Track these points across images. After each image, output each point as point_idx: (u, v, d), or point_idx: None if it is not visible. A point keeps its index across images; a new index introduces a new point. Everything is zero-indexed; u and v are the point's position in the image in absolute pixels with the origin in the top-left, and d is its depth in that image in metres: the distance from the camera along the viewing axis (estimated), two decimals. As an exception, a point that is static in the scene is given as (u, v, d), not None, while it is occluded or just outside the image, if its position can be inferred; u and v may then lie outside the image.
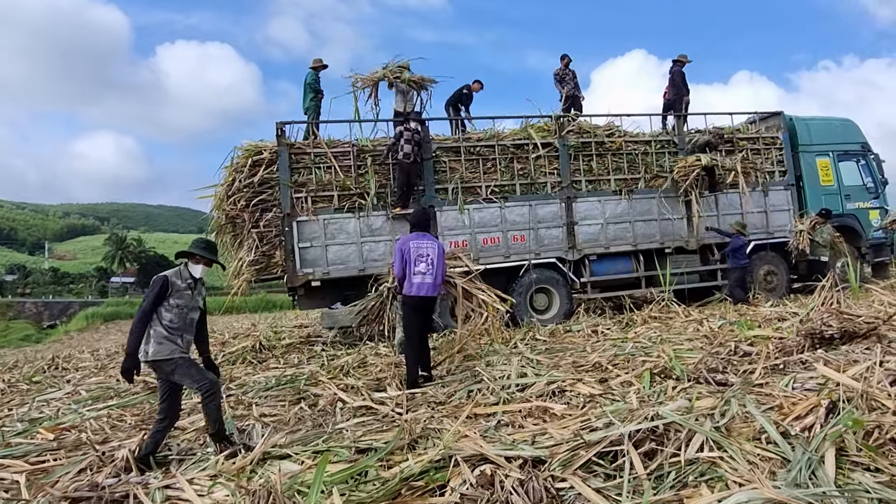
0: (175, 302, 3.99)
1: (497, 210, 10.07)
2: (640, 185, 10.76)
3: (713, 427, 3.26)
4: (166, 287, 3.97)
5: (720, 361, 4.97)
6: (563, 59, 11.80)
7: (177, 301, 4.00)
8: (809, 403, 3.39)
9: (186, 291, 4.05)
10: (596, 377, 5.17)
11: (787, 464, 2.84)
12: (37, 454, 4.47)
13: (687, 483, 2.81)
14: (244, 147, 9.50)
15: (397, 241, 6.10)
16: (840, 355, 4.44)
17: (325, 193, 9.39)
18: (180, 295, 4.01)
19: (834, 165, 11.95)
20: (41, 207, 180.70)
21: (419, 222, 6.26)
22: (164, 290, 3.96)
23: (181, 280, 4.05)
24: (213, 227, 9.63)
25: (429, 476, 3.10)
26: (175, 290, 4.00)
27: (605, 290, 10.88)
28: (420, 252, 5.87)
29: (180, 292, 4.02)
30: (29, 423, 5.58)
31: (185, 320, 4.07)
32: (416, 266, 5.82)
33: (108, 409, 5.92)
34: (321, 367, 7.11)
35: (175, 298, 3.99)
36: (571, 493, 2.83)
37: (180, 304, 4.01)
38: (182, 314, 4.03)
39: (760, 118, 12.32)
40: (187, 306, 4.06)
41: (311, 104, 10.10)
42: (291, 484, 3.21)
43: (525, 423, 4.05)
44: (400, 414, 4.68)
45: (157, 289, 3.96)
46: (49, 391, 7.59)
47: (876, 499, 2.48)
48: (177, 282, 4.02)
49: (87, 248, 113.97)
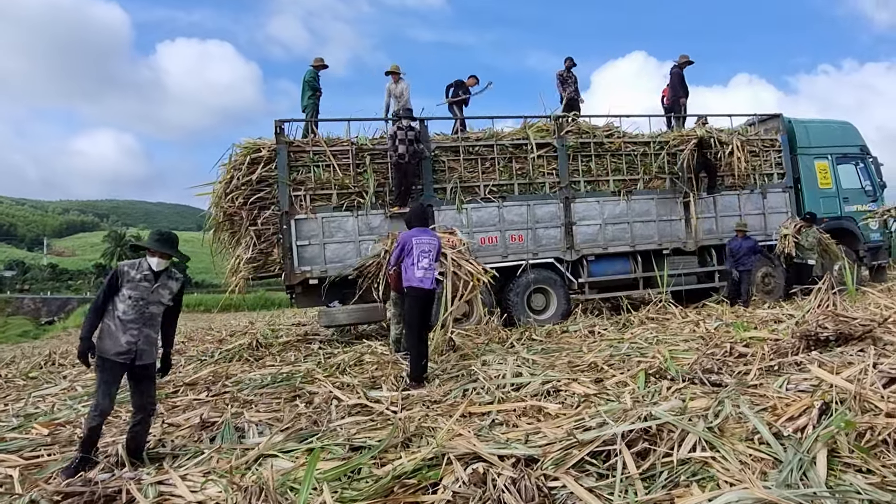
0: (128, 293, 3.92)
1: (495, 210, 10.07)
2: (639, 185, 10.77)
3: (706, 427, 3.26)
4: (116, 277, 3.93)
5: (715, 362, 4.99)
6: (566, 61, 11.83)
7: (130, 292, 3.92)
8: (802, 404, 3.40)
9: (143, 283, 3.95)
10: (591, 377, 5.18)
11: (779, 464, 2.84)
12: (31, 449, 4.47)
13: (679, 483, 2.82)
14: (242, 145, 9.49)
15: (399, 234, 6.21)
16: (835, 357, 4.45)
17: (324, 192, 9.39)
18: (135, 286, 3.93)
19: (832, 168, 11.96)
20: (40, 204, 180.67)
21: (418, 218, 6.34)
22: (114, 280, 3.93)
23: (136, 271, 3.97)
24: (211, 225, 9.62)
25: (421, 474, 3.10)
26: (128, 279, 3.92)
27: (603, 291, 10.88)
28: (423, 248, 5.99)
29: (134, 283, 3.93)
30: (24, 419, 5.57)
31: (142, 313, 3.96)
32: (420, 261, 5.93)
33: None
34: (317, 365, 7.11)
35: (128, 289, 3.92)
36: (564, 491, 2.83)
37: (134, 296, 3.92)
38: (137, 306, 3.94)
39: (759, 120, 12.33)
40: (144, 299, 3.96)
41: (310, 102, 10.11)
42: (284, 481, 3.21)
43: (519, 423, 4.05)
44: (394, 412, 4.68)
45: (108, 278, 3.95)
46: (45, 387, 7.59)
47: (866, 500, 2.49)
48: (131, 272, 3.95)
49: (86, 244, 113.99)
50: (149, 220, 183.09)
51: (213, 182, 9.51)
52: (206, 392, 6.18)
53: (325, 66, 10.50)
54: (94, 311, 3.94)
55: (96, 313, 3.94)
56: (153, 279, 4.01)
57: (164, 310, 4.12)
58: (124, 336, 3.91)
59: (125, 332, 3.91)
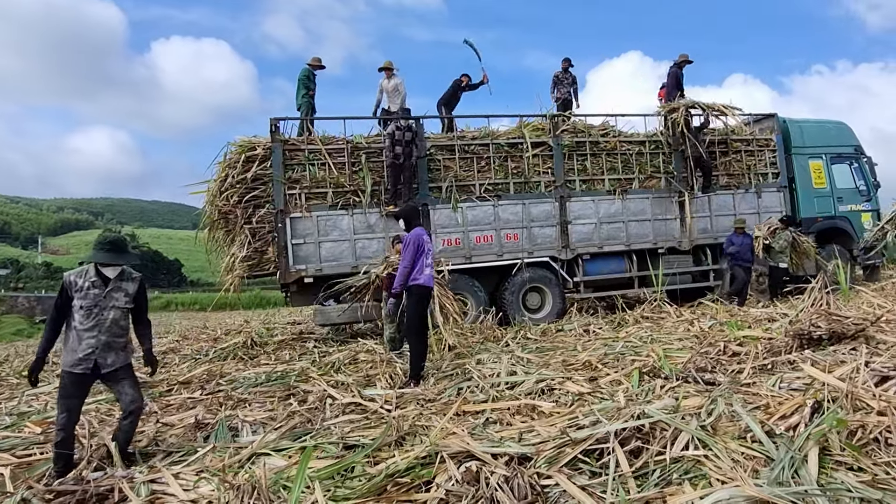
0: (79, 302, 3.84)
1: (490, 208, 10.07)
2: (634, 185, 10.79)
3: (699, 426, 3.27)
4: (64, 289, 3.88)
5: (709, 361, 5.00)
6: (564, 62, 11.90)
7: (81, 301, 3.84)
8: (795, 403, 3.42)
9: (92, 290, 3.87)
10: (585, 376, 5.19)
11: (771, 462, 2.85)
12: (24, 448, 4.45)
13: (671, 481, 2.83)
14: (238, 143, 9.48)
15: (406, 234, 6.04)
16: (827, 356, 4.47)
17: (319, 190, 9.37)
18: (84, 295, 3.85)
19: (827, 168, 12.00)
20: (35, 202, 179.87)
21: (417, 217, 6.36)
22: (63, 292, 3.88)
23: (84, 279, 3.89)
24: (206, 223, 9.60)
25: (415, 472, 3.10)
26: (76, 289, 3.85)
27: (598, 290, 10.90)
28: (429, 246, 6.07)
29: (83, 291, 3.85)
30: (17, 417, 5.55)
31: (98, 320, 3.88)
32: (427, 259, 5.97)
33: (96, 403, 5.89)
34: (312, 364, 7.10)
35: (78, 299, 3.84)
36: (556, 490, 2.84)
37: (85, 305, 3.84)
38: (91, 314, 3.86)
39: (754, 120, 12.37)
40: (98, 305, 3.88)
41: (304, 100, 10.08)
42: (276, 479, 3.20)
43: (513, 421, 4.06)
44: (389, 411, 4.68)
45: (58, 293, 3.89)
46: (38, 385, 7.54)
47: (857, 498, 2.50)
48: (77, 281, 3.88)
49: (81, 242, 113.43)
50: (144, 218, 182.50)
51: (208, 180, 9.49)
52: (201, 391, 6.17)
53: (321, 66, 10.47)
54: (49, 327, 3.90)
55: (51, 328, 3.90)
56: (102, 285, 3.91)
57: (125, 312, 4.01)
58: (81, 345, 3.84)
59: (81, 342, 3.84)
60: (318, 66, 10.44)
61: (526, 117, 10.80)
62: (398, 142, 9.17)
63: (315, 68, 10.41)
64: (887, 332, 4.90)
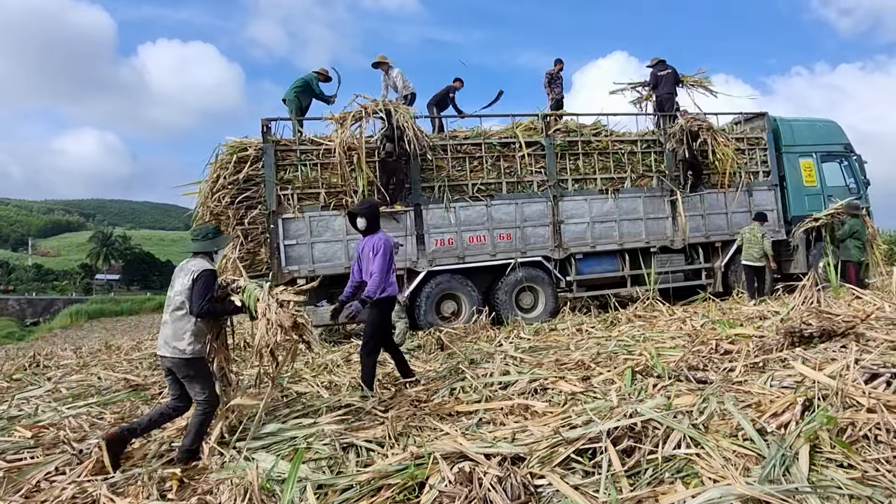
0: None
1: (483, 208, 10.07)
2: (627, 184, 10.83)
3: (691, 424, 3.29)
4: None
5: (701, 359, 5.02)
6: (556, 63, 11.95)
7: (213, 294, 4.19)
8: (786, 401, 3.44)
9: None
10: (578, 375, 5.19)
11: (762, 460, 2.87)
12: (14, 452, 4.41)
13: (663, 479, 2.84)
14: (229, 144, 9.43)
15: (381, 239, 5.39)
16: (818, 353, 4.49)
17: (311, 191, 9.34)
18: (216, 286, 4.26)
19: (817, 166, 12.07)
20: (25, 203, 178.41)
21: (378, 220, 5.68)
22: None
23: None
24: (198, 224, 9.55)
25: (408, 473, 3.10)
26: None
27: (591, 289, 10.92)
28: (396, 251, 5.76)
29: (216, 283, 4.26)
30: (7, 421, 5.50)
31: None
32: (395, 264, 5.57)
33: (87, 407, 5.86)
34: (305, 365, 7.08)
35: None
36: (549, 489, 2.84)
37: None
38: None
39: (745, 119, 12.44)
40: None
41: (294, 100, 10.04)
42: (268, 480, 3.19)
43: (506, 421, 4.07)
44: (382, 411, 4.67)
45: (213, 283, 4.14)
46: (29, 389, 7.49)
47: (847, 495, 2.51)
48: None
49: (72, 244, 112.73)
50: (134, 219, 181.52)
51: (200, 181, 9.45)
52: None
53: (326, 78, 10.47)
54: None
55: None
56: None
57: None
58: (209, 334, 4.27)
59: (209, 331, 4.26)
60: (323, 78, 10.43)
61: (518, 117, 10.82)
62: (389, 138, 9.13)
63: (321, 80, 10.40)
64: (877, 329, 4.93)
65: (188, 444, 3.98)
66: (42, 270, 76.80)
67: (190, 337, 3.96)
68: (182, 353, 3.95)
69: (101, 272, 72.34)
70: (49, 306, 49.01)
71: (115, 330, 27.54)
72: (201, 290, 3.95)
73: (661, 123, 11.42)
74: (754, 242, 10.05)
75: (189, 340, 3.96)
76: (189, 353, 3.95)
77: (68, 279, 71.00)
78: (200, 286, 3.96)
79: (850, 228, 9.14)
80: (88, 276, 70.74)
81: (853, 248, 9.13)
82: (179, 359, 3.96)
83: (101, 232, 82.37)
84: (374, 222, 5.53)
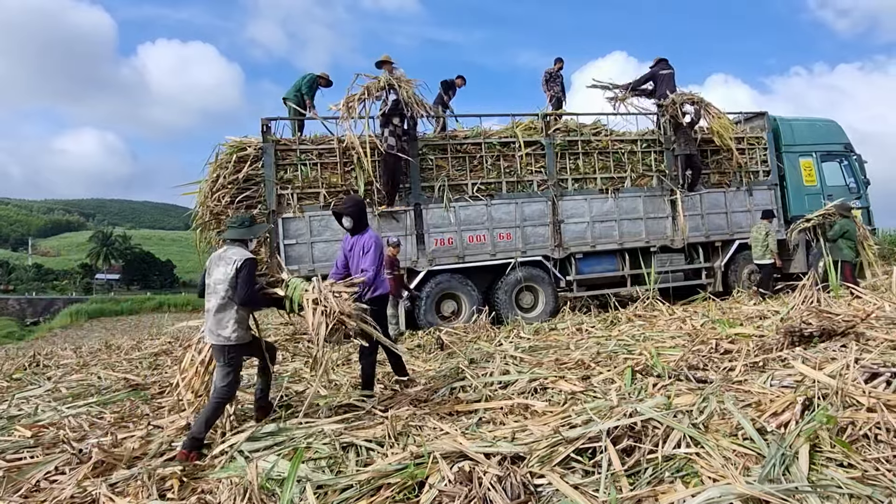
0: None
1: (483, 208, 10.08)
2: (627, 183, 10.83)
3: (691, 424, 3.28)
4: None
5: (701, 359, 5.02)
6: (557, 62, 11.95)
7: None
8: (786, 400, 3.43)
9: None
10: (578, 374, 5.19)
11: (762, 460, 2.86)
12: (14, 451, 4.41)
13: (663, 479, 2.84)
14: (229, 143, 9.43)
15: (371, 238, 5.27)
16: (818, 353, 4.49)
17: (311, 190, 9.35)
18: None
19: (817, 166, 12.08)
20: (25, 203, 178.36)
21: (366, 216, 5.56)
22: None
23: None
24: (198, 224, 9.55)
25: (408, 472, 3.10)
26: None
27: (591, 289, 10.93)
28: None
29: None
30: (7, 421, 5.50)
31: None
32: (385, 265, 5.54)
33: (87, 406, 5.85)
34: (305, 365, 7.08)
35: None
36: (549, 489, 2.84)
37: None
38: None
39: (745, 118, 12.45)
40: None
41: (294, 99, 10.04)
42: (268, 479, 3.19)
43: (506, 420, 4.06)
44: (382, 411, 4.67)
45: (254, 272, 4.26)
46: (29, 388, 7.49)
47: (847, 494, 2.51)
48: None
49: (72, 244, 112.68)
50: (134, 219, 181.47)
51: (200, 181, 9.44)
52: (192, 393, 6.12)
53: (327, 83, 10.44)
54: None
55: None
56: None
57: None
58: (250, 321, 4.40)
59: (249, 318, 4.40)
60: (324, 83, 10.41)
61: (518, 116, 10.82)
62: (393, 133, 9.12)
63: (322, 84, 10.37)
64: (877, 328, 4.93)
65: (196, 431, 4.01)
66: (42, 270, 76.76)
67: (234, 325, 4.12)
68: (227, 339, 4.11)
69: (101, 272, 72.33)
70: (49, 306, 49.02)
71: (115, 329, 27.55)
72: (246, 279, 4.09)
73: (661, 123, 11.42)
74: (758, 241, 10.11)
75: (233, 328, 4.11)
76: (234, 339, 4.12)
77: (68, 279, 70.98)
78: (245, 275, 4.10)
79: (840, 229, 9.16)
80: (88, 275, 70.70)
81: (845, 248, 9.15)
82: (223, 345, 4.11)
83: (101, 232, 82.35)
84: (360, 220, 5.38)
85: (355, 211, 5.35)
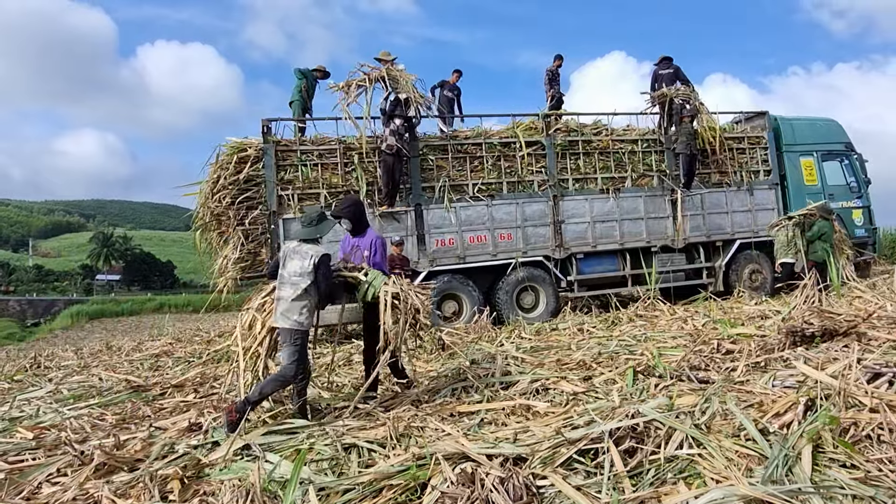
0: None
1: (484, 208, 10.08)
2: (627, 183, 10.83)
3: (693, 424, 3.28)
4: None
5: (703, 359, 5.02)
6: (556, 59, 11.93)
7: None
8: (788, 401, 3.43)
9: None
10: (580, 375, 5.19)
11: (765, 460, 2.86)
12: (15, 453, 4.41)
13: (666, 480, 2.83)
14: (230, 144, 9.44)
15: (377, 238, 5.26)
16: (820, 353, 4.49)
17: (312, 191, 9.35)
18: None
19: (818, 165, 12.08)
20: (25, 204, 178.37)
21: (366, 216, 5.50)
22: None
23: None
24: (199, 225, 9.56)
25: (409, 474, 3.09)
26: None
27: (592, 289, 10.93)
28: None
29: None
30: (9, 422, 5.49)
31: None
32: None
33: (88, 408, 5.85)
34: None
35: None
36: (552, 490, 2.84)
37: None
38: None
39: (746, 118, 12.44)
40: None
41: (297, 99, 10.06)
42: (270, 480, 3.19)
43: (508, 421, 4.06)
44: (384, 412, 4.66)
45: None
46: (30, 390, 7.49)
47: (850, 495, 2.51)
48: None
49: (72, 245, 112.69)
50: (135, 220, 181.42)
51: (200, 181, 9.45)
52: (194, 394, 6.13)
53: (324, 75, 10.48)
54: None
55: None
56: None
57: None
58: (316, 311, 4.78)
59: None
60: (321, 76, 10.43)
61: (519, 116, 10.82)
62: (394, 133, 9.12)
63: (318, 76, 10.40)
64: (879, 328, 4.93)
65: (252, 396, 4.35)
66: (42, 271, 76.78)
67: (306, 312, 4.50)
68: (300, 325, 4.47)
69: (101, 273, 72.33)
70: (50, 307, 49.00)
71: (116, 330, 27.55)
72: (326, 274, 4.53)
73: (661, 123, 11.41)
74: (783, 242, 10.13)
75: (305, 315, 4.50)
76: (305, 325, 4.52)
77: (69, 280, 70.98)
78: (325, 269, 4.52)
79: (818, 230, 9.20)
80: (89, 276, 70.69)
81: (819, 249, 9.20)
82: (294, 329, 4.46)
83: (101, 232, 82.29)
84: (360, 221, 5.31)
85: (353, 212, 5.29)
